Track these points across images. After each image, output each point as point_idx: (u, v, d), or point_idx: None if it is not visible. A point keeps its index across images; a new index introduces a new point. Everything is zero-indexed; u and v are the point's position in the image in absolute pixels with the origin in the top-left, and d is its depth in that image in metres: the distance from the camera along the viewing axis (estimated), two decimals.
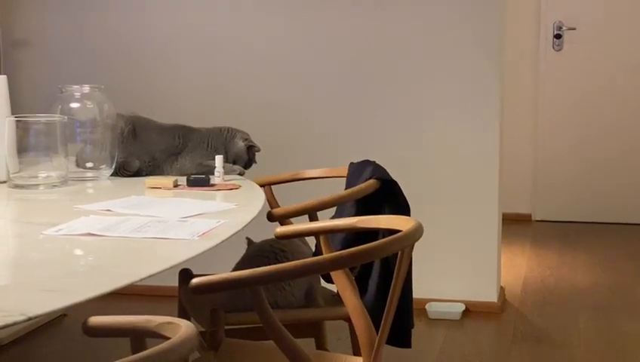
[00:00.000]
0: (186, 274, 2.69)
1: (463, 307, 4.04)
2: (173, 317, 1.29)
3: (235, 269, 2.57)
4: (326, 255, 1.69)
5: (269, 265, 2.47)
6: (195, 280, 1.65)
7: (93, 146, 2.82)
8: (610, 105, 6.21)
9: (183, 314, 2.68)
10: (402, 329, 2.52)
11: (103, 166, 2.79)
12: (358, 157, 2.79)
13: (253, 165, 2.93)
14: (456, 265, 4.12)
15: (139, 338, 1.36)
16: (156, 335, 1.30)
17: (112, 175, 2.81)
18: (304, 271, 1.66)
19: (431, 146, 4.09)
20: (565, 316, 4.07)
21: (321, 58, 4.15)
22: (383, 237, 2.22)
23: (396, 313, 2.21)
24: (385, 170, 2.57)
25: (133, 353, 1.37)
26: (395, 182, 2.50)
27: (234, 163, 2.87)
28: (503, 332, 3.87)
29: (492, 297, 4.10)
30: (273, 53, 4.19)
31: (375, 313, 2.15)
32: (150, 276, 1.63)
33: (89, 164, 2.81)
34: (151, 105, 4.00)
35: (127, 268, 1.69)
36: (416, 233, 1.79)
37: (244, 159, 2.89)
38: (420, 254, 3.96)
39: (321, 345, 2.72)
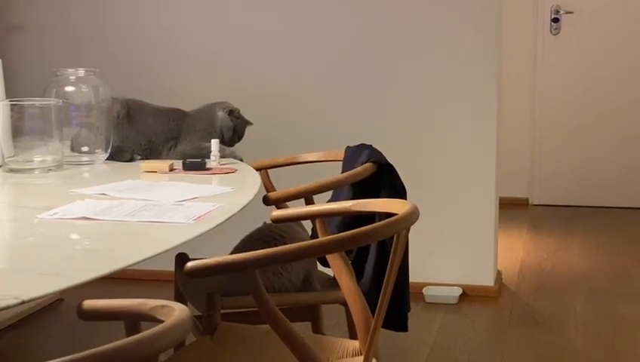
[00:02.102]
0: (182, 258, 2.68)
1: (460, 291, 4.04)
2: (167, 301, 1.28)
3: (233, 253, 2.56)
4: (322, 238, 1.68)
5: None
6: (190, 264, 1.64)
7: (89, 130, 2.80)
8: (607, 88, 6.20)
9: (180, 298, 2.68)
10: (399, 313, 2.52)
11: (99, 150, 2.78)
12: (355, 142, 2.78)
13: (251, 151, 2.93)
14: (453, 249, 4.12)
15: (133, 321, 1.35)
16: (150, 319, 1.29)
17: (107, 159, 2.80)
18: (300, 254, 1.66)
19: (428, 130, 4.08)
20: (562, 299, 4.07)
21: (319, 43, 4.13)
22: (380, 220, 2.22)
23: (393, 296, 2.21)
24: (381, 154, 2.56)
25: (128, 336, 1.36)
26: (392, 166, 2.49)
27: (222, 136, 2.86)
28: (500, 315, 3.87)
29: (489, 281, 4.10)
30: (270, 40, 4.17)
31: (371, 296, 2.15)
32: (145, 259, 1.62)
33: (84, 148, 2.80)
34: (146, 89, 3.99)
35: (122, 252, 1.68)
36: (413, 216, 1.78)
37: (229, 126, 2.87)
38: (417, 238, 3.97)
39: (317, 329, 2.72)
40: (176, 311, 1.21)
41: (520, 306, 3.98)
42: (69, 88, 2.81)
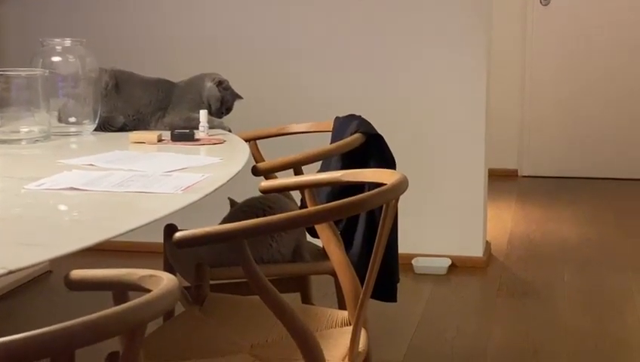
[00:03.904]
0: (170, 230, 2.67)
1: (449, 262, 4.06)
2: (155, 270, 1.27)
3: (224, 223, 2.55)
4: (311, 208, 1.67)
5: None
6: (178, 234, 1.63)
7: (76, 101, 2.78)
8: (597, 59, 6.19)
9: (169, 269, 2.67)
10: (388, 284, 2.52)
11: (86, 121, 2.76)
12: (344, 112, 2.77)
13: (241, 122, 2.91)
14: (443, 221, 4.13)
15: (121, 291, 1.34)
16: (138, 288, 1.28)
17: (95, 130, 2.78)
18: (289, 224, 1.65)
19: (417, 102, 4.07)
20: (551, 270, 4.09)
21: (307, 13, 4.11)
22: (369, 191, 2.21)
23: (382, 267, 2.20)
24: (370, 125, 2.55)
25: (116, 306, 1.35)
26: (381, 137, 2.49)
27: (210, 107, 2.83)
28: (489, 286, 3.89)
29: (478, 252, 4.11)
30: (260, 10, 4.14)
31: (360, 267, 2.15)
32: (133, 230, 1.61)
33: (72, 119, 2.77)
34: (134, 60, 3.95)
35: (109, 222, 1.67)
36: (402, 186, 1.78)
37: (217, 98, 2.84)
38: (406, 210, 3.97)
39: (306, 300, 2.72)
40: (164, 281, 1.21)
41: (509, 277, 4.00)
42: (56, 58, 2.78)
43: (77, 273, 1.39)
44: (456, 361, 3.04)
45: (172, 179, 2.00)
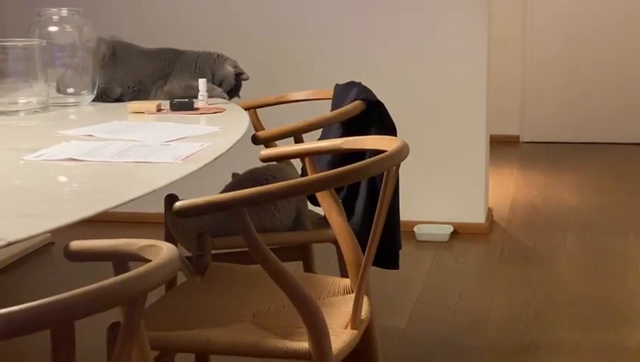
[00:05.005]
0: (171, 200, 2.66)
1: (451, 228, 4.05)
2: (155, 240, 1.27)
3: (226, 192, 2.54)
4: (311, 176, 1.66)
5: None
6: (178, 203, 1.62)
7: (74, 71, 2.76)
8: (599, 26, 6.15)
9: (170, 239, 2.67)
10: (390, 251, 2.52)
11: (85, 91, 2.74)
12: (344, 79, 2.75)
13: (236, 99, 2.88)
14: (444, 187, 4.12)
15: (121, 261, 1.34)
16: (138, 258, 1.28)
17: (93, 100, 2.76)
18: (289, 192, 1.64)
19: (417, 68, 4.04)
20: (553, 236, 4.08)
21: None
22: (370, 158, 2.20)
23: (384, 234, 2.19)
24: (371, 91, 2.53)
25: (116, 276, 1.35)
26: (381, 103, 2.47)
27: (219, 86, 2.82)
28: (491, 252, 3.89)
29: (480, 218, 4.11)
30: None
31: (362, 235, 2.14)
32: (133, 200, 1.60)
33: (70, 90, 2.75)
34: (132, 30, 3.92)
35: (109, 193, 1.66)
36: (402, 153, 1.77)
37: (230, 85, 2.84)
38: (408, 177, 3.95)
39: (308, 268, 2.72)
40: (164, 250, 1.20)
41: (511, 243, 3.99)
42: (53, 28, 2.76)
43: (76, 244, 1.38)
44: (459, 327, 3.05)
45: (171, 149, 1.98)
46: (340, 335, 1.77)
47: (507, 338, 2.95)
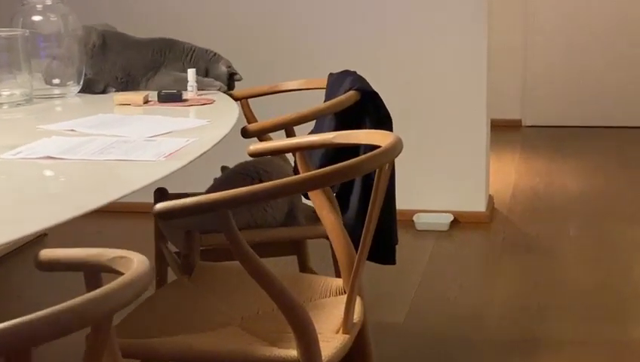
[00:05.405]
0: (161, 193, 2.59)
1: (451, 217, 3.97)
2: (126, 251, 1.18)
3: (214, 188, 2.47)
4: (298, 176, 1.58)
5: (251, 184, 2.39)
6: (159, 205, 1.54)
7: (59, 61, 2.67)
8: (601, 7, 6.04)
9: (159, 234, 2.59)
10: (386, 247, 2.44)
11: (70, 82, 2.65)
12: (339, 67, 2.66)
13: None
14: (444, 175, 4.02)
15: (92, 273, 1.26)
16: (109, 270, 1.20)
17: (80, 91, 2.67)
18: (275, 192, 1.56)
19: (416, 51, 3.94)
20: (555, 223, 4.00)
21: None
22: (364, 151, 2.12)
23: (380, 230, 2.12)
24: (365, 81, 2.44)
25: (87, 288, 1.27)
26: (376, 93, 2.38)
27: None
28: (492, 242, 3.81)
29: (480, 207, 4.02)
30: None
31: (357, 230, 2.05)
32: (111, 202, 1.52)
33: (55, 81, 2.66)
34: (119, 20, 3.84)
35: (85, 195, 1.58)
36: (396, 148, 1.68)
37: (224, 83, 2.75)
38: (406, 164, 3.85)
39: (303, 263, 2.64)
40: (134, 264, 1.12)
41: (512, 232, 3.91)
42: (37, 17, 2.67)
43: (46, 253, 1.30)
44: (458, 322, 2.97)
45: (155, 145, 1.90)
46: (331, 341, 1.69)
47: (508, 332, 2.88)
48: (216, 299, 1.92)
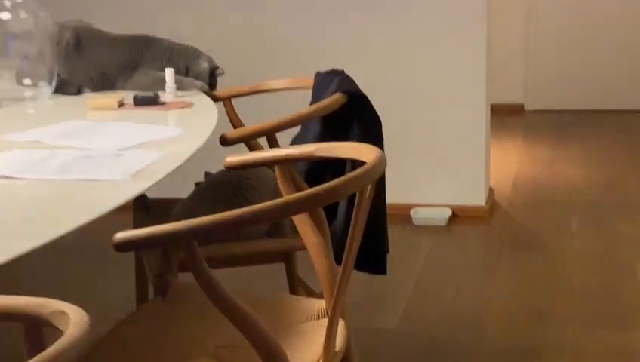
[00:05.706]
0: (140, 200, 2.46)
1: (449, 212, 3.83)
2: (66, 305, 1.06)
3: (196, 195, 2.34)
4: (269, 203, 1.45)
5: (233, 193, 2.27)
6: (119, 236, 1.40)
7: (30, 61, 2.53)
8: None
9: None
10: (377, 257, 2.32)
11: (42, 82, 2.51)
12: (333, 58, 2.50)
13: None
14: (442, 167, 3.88)
15: (32, 326, 1.13)
16: (49, 325, 1.07)
17: (53, 92, 2.54)
18: (243, 221, 1.42)
19: (413, 37, 3.79)
20: (557, 217, 3.86)
21: None
22: (350, 161, 1.99)
23: (370, 240, 2.00)
24: (353, 82, 2.30)
25: (26, 340, 1.15)
26: (365, 97, 2.24)
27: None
28: (492, 239, 3.68)
29: (480, 201, 3.88)
30: None
31: (344, 238, 1.93)
32: (67, 232, 1.39)
33: (27, 81, 2.53)
34: (94, 16, 3.69)
35: (37, 226, 1.44)
36: (378, 169, 1.55)
37: (205, 81, 2.62)
38: (403, 157, 3.73)
39: (291, 272, 2.52)
40: (70, 324, 0.99)
41: (513, 228, 3.77)
42: (6, 15, 2.52)
43: None
44: (455, 326, 2.85)
45: (122, 161, 1.77)
46: None
47: (507, 338, 2.75)
48: (191, 325, 1.79)
